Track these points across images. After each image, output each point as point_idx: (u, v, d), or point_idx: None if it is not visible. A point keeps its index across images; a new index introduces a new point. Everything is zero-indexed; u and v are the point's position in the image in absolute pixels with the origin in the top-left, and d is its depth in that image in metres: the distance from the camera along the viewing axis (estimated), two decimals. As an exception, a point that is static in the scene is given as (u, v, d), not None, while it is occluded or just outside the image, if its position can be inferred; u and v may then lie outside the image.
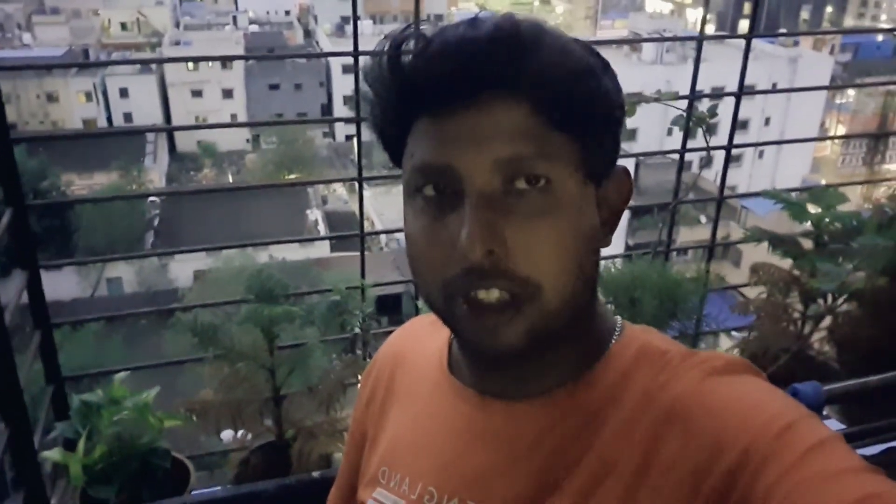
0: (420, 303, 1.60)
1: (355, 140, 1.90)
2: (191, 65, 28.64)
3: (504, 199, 0.56)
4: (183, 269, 17.83)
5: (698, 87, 2.02)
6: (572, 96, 0.56)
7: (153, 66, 28.98)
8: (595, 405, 0.61)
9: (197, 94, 29.17)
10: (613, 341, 0.64)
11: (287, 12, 37.12)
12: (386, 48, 0.58)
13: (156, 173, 24.58)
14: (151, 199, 20.29)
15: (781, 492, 0.48)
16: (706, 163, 1.90)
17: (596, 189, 0.61)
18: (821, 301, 1.84)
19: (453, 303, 0.58)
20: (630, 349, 0.63)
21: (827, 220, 1.81)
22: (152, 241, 19.42)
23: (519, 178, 0.56)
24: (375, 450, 0.75)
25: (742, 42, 2.06)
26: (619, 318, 0.68)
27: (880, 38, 35.27)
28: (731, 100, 2.09)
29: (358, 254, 2.02)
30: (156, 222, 20.18)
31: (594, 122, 0.58)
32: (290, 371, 1.53)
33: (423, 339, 0.77)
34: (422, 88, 0.57)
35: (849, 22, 42.17)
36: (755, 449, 0.51)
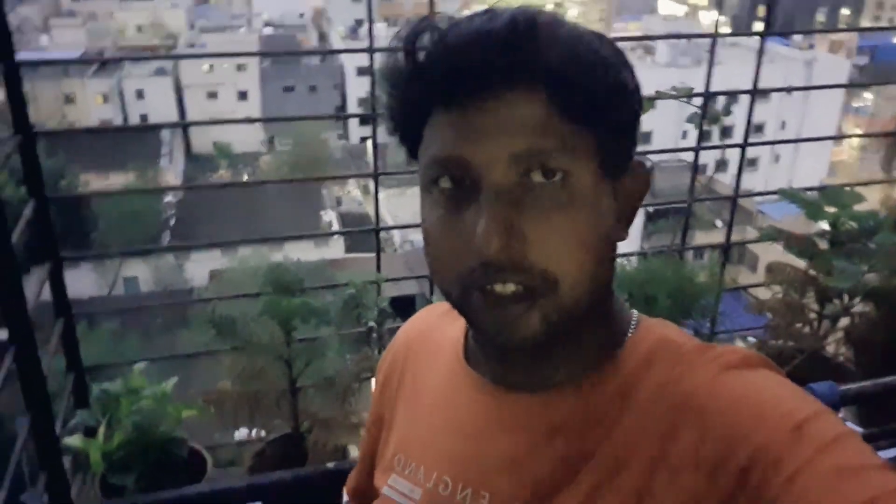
0: (436, 299, 1.61)
1: (370, 140, 1.90)
2: (206, 67, 28.85)
3: (520, 192, 0.55)
4: (198, 268, 17.93)
5: (713, 90, 2.02)
6: (589, 89, 0.56)
7: (169, 68, 29.17)
8: (610, 397, 0.60)
9: (212, 95, 29.35)
10: (630, 334, 0.64)
11: (301, 15, 37.25)
12: (401, 41, 0.58)
13: (171, 174, 24.73)
14: (168, 199, 20.49)
15: (797, 487, 0.48)
16: (721, 164, 1.89)
17: (613, 182, 0.60)
18: (836, 301, 1.83)
19: (469, 295, 0.58)
20: (646, 342, 0.63)
21: (843, 219, 1.80)
22: (169, 240, 19.59)
23: (535, 172, 0.55)
24: (391, 435, 0.75)
25: (756, 45, 2.05)
26: (635, 311, 0.67)
27: (898, 40, 34.81)
28: (746, 103, 2.09)
29: (372, 255, 2.00)
30: (172, 222, 20.38)
31: (611, 115, 0.58)
32: (307, 363, 1.54)
33: (439, 327, 0.76)
34: (437, 81, 0.56)
35: (865, 24, 41.62)
36: (770, 444, 0.50)
